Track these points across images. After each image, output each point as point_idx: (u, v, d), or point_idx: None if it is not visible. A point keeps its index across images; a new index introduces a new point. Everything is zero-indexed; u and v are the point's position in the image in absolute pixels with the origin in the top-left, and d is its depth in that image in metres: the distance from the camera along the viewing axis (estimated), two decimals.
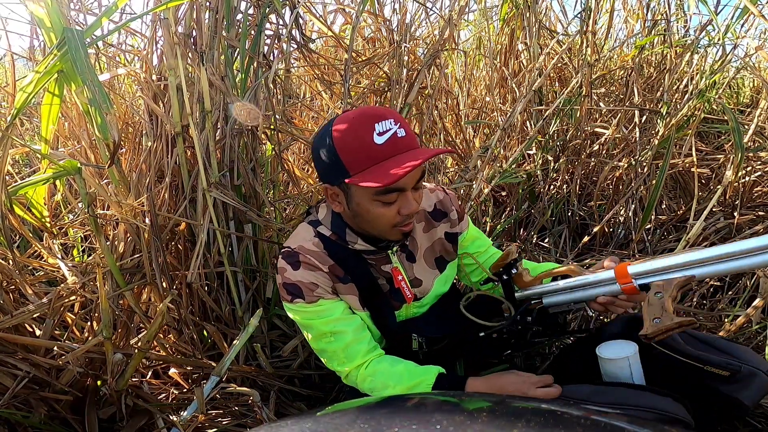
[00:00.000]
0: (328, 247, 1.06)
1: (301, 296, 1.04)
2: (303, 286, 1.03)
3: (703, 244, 2.04)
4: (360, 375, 1.06)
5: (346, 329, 1.06)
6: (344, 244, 1.07)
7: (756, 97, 3.42)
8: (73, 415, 1.23)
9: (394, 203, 0.96)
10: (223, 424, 1.30)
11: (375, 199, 0.95)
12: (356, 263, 1.08)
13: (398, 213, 0.97)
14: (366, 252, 1.08)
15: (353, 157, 0.92)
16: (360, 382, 1.07)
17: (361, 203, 0.97)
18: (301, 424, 0.64)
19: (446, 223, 1.18)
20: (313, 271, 1.04)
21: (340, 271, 1.06)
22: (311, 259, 1.04)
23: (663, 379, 1.09)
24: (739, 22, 2.21)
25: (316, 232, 1.08)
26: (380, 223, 0.99)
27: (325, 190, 1.04)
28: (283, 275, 1.05)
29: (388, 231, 1.01)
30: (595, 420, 0.61)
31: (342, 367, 1.07)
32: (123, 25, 1.63)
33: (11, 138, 1.17)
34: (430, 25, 2.45)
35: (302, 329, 1.13)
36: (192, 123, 1.41)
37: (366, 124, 0.91)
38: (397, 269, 1.11)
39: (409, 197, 0.96)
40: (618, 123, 2.38)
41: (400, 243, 1.10)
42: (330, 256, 1.06)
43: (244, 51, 1.55)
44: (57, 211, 1.92)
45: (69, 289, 1.38)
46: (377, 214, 0.97)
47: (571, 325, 1.80)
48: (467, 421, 0.60)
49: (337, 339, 1.06)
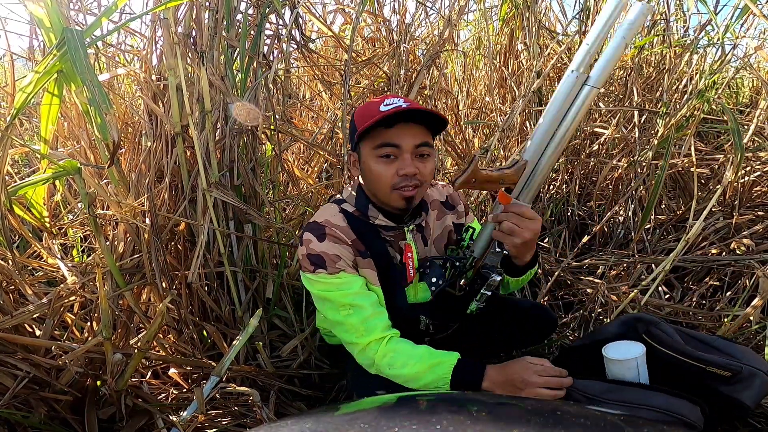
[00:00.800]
0: (351, 223, 1.15)
1: (324, 267, 1.09)
2: (327, 257, 1.09)
3: (703, 245, 2.05)
4: (381, 349, 1.08)
5: (364, 303, 1.10)
6: (366, 220, 1.15)
7: (755, 97, 3.42)
8: (73, 415, 1.23)
9: (393, 163, 1.06)
10: (222, 424, 1.30)
11: (376, 154, 1.07)
12: (376, 239, 1.15)
13: (396, 173, 1.06)
14: (385, 228, 1.16)
15: (362, 118, 1.08)
16: (379, 357, 1.09)
17: (366, 161, 1.09)
18: (301, 424, 0.64)
19: (454, 214, 1.28)
20: (337, 243, 1.11)
21: (361, 246, 1.14)
22: (337, 232, 1.12)
23: (664, 380, 1.09)
24: (739, 22, 2.22)
25: (340, 208, 1.17)
26: (381, 182, 1.08)
27: (349, 158, 1.18)
28: (308, 246, 1.11)
29: (389, 194, 1.09)
30: (595, 420, 0.61)
31: (361, 339, 1.10)
32: (122, 25, 1.62)
33: (11, 138, 1.17)
34: (430, 25, 2.45)
35: (318, 302, 1.17)
36: (191, 123, 1.41)
37: (378, 101, 1.09)
38: (410, 246, 1.18)
39: (407, 158, 1.06)
40: (617, 123, 2.38)
41: (409, 212, 1.17)
42: (353, 231, 1.14)
43: (244, 51, 1.55)
44: (56, 211, 1.92)
45: (69, 290, 1.38)
46: (378, 172, 1.07)
47: (571, 325, 1.81)
48: (467, 421, 0.60)
49: (357, 312, 1.09)
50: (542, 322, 1.40)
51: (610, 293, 1.79)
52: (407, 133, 1.05)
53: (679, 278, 2.04)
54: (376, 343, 1.09)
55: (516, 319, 1.34)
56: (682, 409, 1.02)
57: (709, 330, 1.65)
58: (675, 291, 1.96)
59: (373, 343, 1.09)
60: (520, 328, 1.36)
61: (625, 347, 1.13)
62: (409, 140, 1.06)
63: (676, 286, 1.99)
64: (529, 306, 1.45)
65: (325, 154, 1.98)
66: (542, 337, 1.47)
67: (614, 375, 1.11)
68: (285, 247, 1.67)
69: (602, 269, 2.06)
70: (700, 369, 1.09)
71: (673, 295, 1.95)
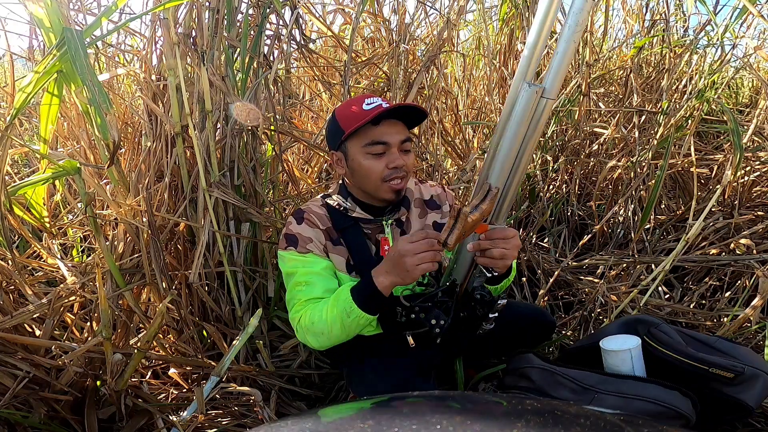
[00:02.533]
0: (330, 213, 1.23)
1: (295, 245, 1.18)
2: (300, 237, 1.19)
3: (702, 245, 2.05)
4: (303, 315, 1.13)
5: (318, 284, 1.16)
6: (345, 212, 1.22)
7: (755, 97, 3.42)
8: (73, 415, 1.23)
9: (382, 157, 1.14)
10: (223, 424, 1.30)
11: (365, 152, 1.14)
12: (353, 230, 1.22)
13: (386, 167, 1.14)
14: (363, 221, 1.23)
15: (346, 119, 1.15)
16: (303, 321, 1.12)
17: (355, 158, 1.15)
18: (301, 424, 0.64)
19: (438, 213, 1.31)
20: (311, 227, 1.21)
21: (335, 234, 1.22)
22: (313, 218, 1.22)
23: (666, 380, 1.10)
24: (738, 22, 2.22)
25: (323, 201, 1.26)
26: (372, 177, 1.15)
27: (331, 157, 1.24)
28: (288, 227, 1.22)
29: (380, 186, 1.16)
30: (595, 420, 0.61)
31: (297, 314, 1.14)
32: (122, 25, 1.62)
33: (10, 138, 1.17)
34: (430, 25, 2.45)
35: (286, 277, 1.22)
36: (191, 123, 1.41)
37: (359, 100, 1.16)
38: (386, 239, 1.24)
39: (395, 152, 1.14)
40: (617, 123, 2.38)
41: (393, 204, 1.23)
42: (331, 220, 1.22)
43: (245, 51, 1.55)
44: (56, 212, 1.92)
45: (68, 290, 1.38)
46: (368, 166, 1.14)
47: (571, 325, 1.80)
48: (467, 421, 0.60)
49: (307, 289, 1.15)
50: (540, 325, 1.40)
51: (609, 293, 1.79)
52: (393, 131, 1.14)
53: (679, 278, 2.04)
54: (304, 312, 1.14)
55: (514, 322, 1.34)
56: (675, 400, 1.05)
57: (709, 330, 1.65)
58: (675, 291, 1.96)
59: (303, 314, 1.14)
60: (518, 331, 1.36)
61: (622, 340, 1.17)
62: (396, 137, 1.14)
63: (676, 286, 1.99)
64: (527, 309, 1.45)
65: (325, 155, 1.98)
66: (541, 340, 1.47)
67: (610, 366, 1.15)
68: None
69: (602, 269, 2.06)
70: (702, 371, 1.10)
71: (673, 295, 1.95)
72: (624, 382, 1.10)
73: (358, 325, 1.07)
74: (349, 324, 1.06)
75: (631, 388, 1.08)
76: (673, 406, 1.04)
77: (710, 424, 1.15)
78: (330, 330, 1.08)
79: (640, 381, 1.09)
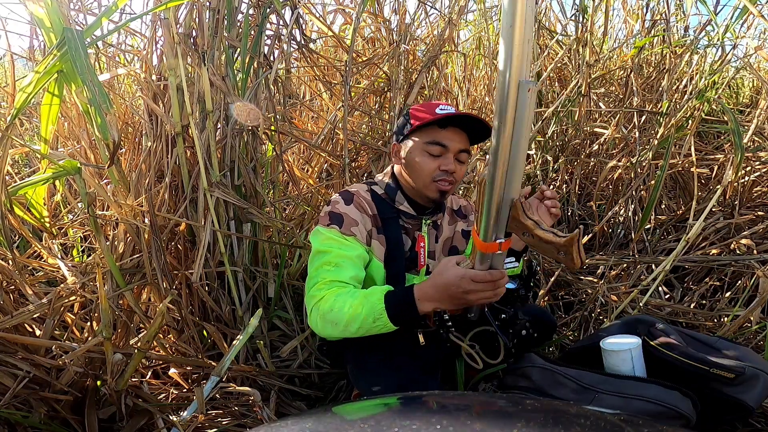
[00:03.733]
0: (375, 201, 1.28)
1: (339, 225, 1.20)
2: (347, 218, 1.21)
3: (703, 245, 2.05)
4: (326, 296, 1.11)
5: (349, 268, 1.16)
6: (391, 203, 1.27)
7: (755, 97, 3.42)
8: (73, 415, 1.23)
9: (437, 159, 1.20)
10: (223, 424, 1.30)
11: (424, 149, 1.20)
12: (394, 223, 1.27)
13: (438, 167, 1.20)
14: (406, 215, 1.28)
15: (417, 116, 1.23)
16: (323, 303, 1.10)
17: (413, 152, 1.22)
18: (301, 424, 0.64)
19: (465, 222, 1.41)
20: (360, 211, 1.23)
21: (379, 222, 1.26)
22: (363, 202, 1.25)
23: (666, 381, 1.10)
24: (739, 22, 2.22)
25: (369, 188, 1.30)
26: (423, 174, 1.21)
27: (392, 147, 1.30)
28: (334, 206, 1.23)
29: (429, 185, 1.22)
30: (595, 420, 0.61)
31: (319, 293, 1.12)
32: (123, 25, 1.62)
33: (11, 138, 1.17)
34: (430, 25, 2.45)
35: (316, 255, 1.20)
36: (192, 123, 1.41)
37: (434, 104, 1.24)
38: (423, 237, 1.30)
39: (450, 158, 1.20)
40: (617, 123, 2.38)
41: (435, 206, 1.30)
42: (376, 208, 1.26)
43: (245, 51, 1.55)
44: (57, 212, 1.92)
45: (69, 290, 1.38)
46: (423, 163, 1.20)
47: (571, 325, 1.80)
48: (467, 421, 0.60)
49: (336, 270, 1.15)
50: (542, 325, 1.40)
51: (610, 293, 1.79)
52: (455, 138, 1.21)
53: (679, 278, 2.04)
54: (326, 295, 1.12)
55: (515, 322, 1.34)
56: (675, 400, 1.05)
57: (710, 330, 1.65)
58: (675, 291, 1.96)
59: (327, 296, 1.12)
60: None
61: (622, 340, 1.18)
62: (456, 144, 1.21)
63: (676, 286, 1.99)
64: (527, 309, 1.45)
65: (325, 155, 1.99)
66: (542, 340, 1.47)
67: (610, 366, 1.15)
68: (285, 247, 1.67)
69: (602, 269, 2.06)
70: (703, 371, 1.10)
71: (673, 295, 1.94)
72: (624, 382, 1.10)
73: (378, 331, 1.07)
74: (370, 328, 1.06)
75: (632, 388, 1.08)
76: (673, 406, 1.04)
77: (710, 424, 1.14)
78: (347, 325, 1.07)
79: (640, 381, 1.09)
